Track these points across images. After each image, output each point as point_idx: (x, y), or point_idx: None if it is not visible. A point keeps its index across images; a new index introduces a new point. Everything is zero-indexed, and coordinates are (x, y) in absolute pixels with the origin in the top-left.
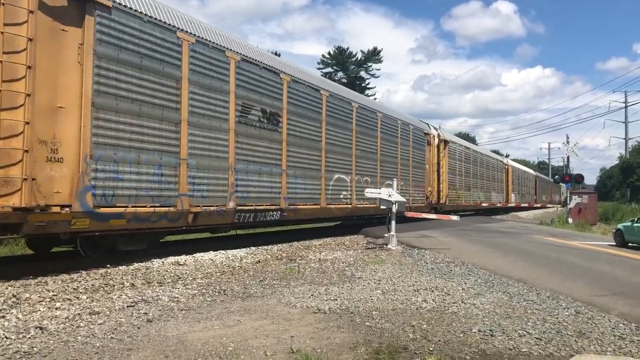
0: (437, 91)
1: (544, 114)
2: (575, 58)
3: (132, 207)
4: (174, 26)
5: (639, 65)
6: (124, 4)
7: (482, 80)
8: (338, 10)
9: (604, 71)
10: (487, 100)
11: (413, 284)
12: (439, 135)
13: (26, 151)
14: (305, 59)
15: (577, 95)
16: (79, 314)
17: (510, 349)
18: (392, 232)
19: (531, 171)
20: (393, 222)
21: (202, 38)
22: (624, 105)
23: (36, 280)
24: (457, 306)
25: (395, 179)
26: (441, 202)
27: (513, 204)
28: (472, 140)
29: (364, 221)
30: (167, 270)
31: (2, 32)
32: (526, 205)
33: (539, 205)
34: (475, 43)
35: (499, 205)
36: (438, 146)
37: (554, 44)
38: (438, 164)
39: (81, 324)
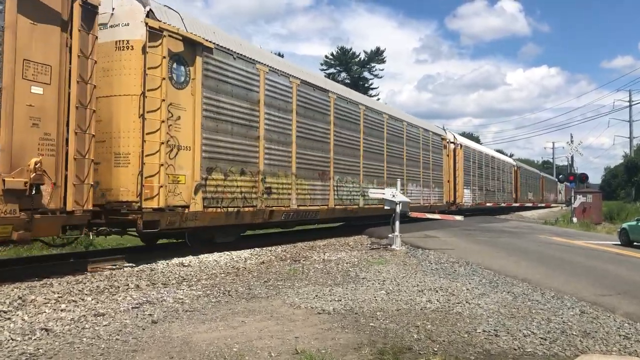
0: (441, 91)
1: (549, 113)
2: (581, 57)
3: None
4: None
5: None
6: (221, 44)
7: (486, 80)
8: (342, 11)
9: (610, 70)
10: (492, 99)
11: (417, 285)
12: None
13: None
14: (309, 59)
15: (582, 94)
16: (84, 316)
17: (515, 349)
18: (396, 233)
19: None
20: (397, 223)
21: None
22: (628, 104)
23: (41, 282)
24: (461, 306)
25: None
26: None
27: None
28: (476, 139)
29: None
30: (171, 272)
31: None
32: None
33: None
34: (480, 42)
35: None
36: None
37: (559, 43)
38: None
39: (86, 326)
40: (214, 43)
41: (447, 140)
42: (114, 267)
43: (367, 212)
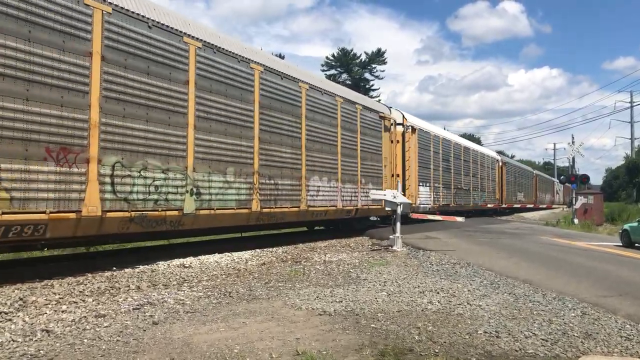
0: (442, 92)
1: (550, 115)
2: (582, 58)
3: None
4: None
5: None
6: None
7: (488, 81)
8: (344, 12)
9: (611, 71)
10: (493, 101)
11: (418, 286)
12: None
13: None
14: (311, 60)
15: (583, 95)
16: (85, 317)
17: (517, 351)
18: (397, 234)
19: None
20: (398, 224)
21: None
22: (629, 105)
23: (42, 283)
24: (462, 308)
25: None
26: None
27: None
28: (477, 141)
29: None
30: (172, 273)
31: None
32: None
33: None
34: (481, 43)
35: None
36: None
37: (561, 43)
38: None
39: (87, 327)
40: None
41: (392, 121)
42: None
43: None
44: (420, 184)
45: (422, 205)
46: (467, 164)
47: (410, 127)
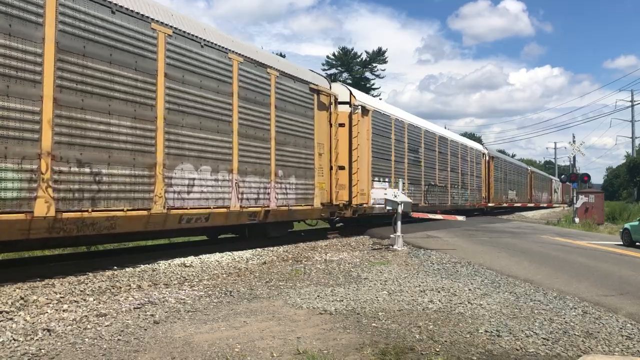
0: (443, 91)
1: (551, 114)
2: (584, 56)
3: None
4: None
5: None
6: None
7: (489, 80)
8: (345, 12)
9: (612, 69)
10: (494, 100)
11: (419, 285)
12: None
13: None
14: (312, 59)
15: (584, 94)
16: (86, 316)
17: (517, 350)
18: (398, 233)
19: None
20: (399, 223)
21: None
22: (630, 103)
23: (43, 283)
24: (463, 307)
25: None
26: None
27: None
28: (478, 140)
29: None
30: (173, 272)
31: None
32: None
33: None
34: (482, 42)
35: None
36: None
37: (562, 42)
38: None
39: (88, 326)
40: None
41: (332, 98)
42: None
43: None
44: (376, 178)
45: (377, 206)
46: (443, 156)
47: (360, 107)
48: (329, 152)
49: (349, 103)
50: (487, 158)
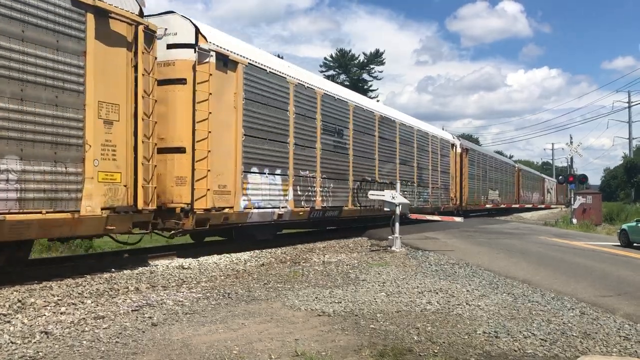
0: (441, 92)
1: (549, 115)
2: (582, 57)
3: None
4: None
5: None
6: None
7: (487, 81)
8: (343, 13)
9: (610, 70)
10: (493, 101)
11: (417, 286)
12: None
13: None
14: (310, 61)
15: (582, 95)
16: (84, 319)
17: (515, 351)
18: (396, 234)
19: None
20: (397, 224)
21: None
22: (627, 105)
23: (41, 285)
24: (461, 308)
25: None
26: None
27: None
28: (476, 141)
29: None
30: (171, 274)
31: None
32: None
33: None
34: (480, 44)
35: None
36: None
37: (560, 43)
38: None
39: (86, 329)
40: None
41: (134, 24)
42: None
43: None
44: (255, 169)
45: (254, 211)
46: (388, 144)
47: (217, 54)
48: (132, 118)
49: (193, 46)
50: (458, 150)
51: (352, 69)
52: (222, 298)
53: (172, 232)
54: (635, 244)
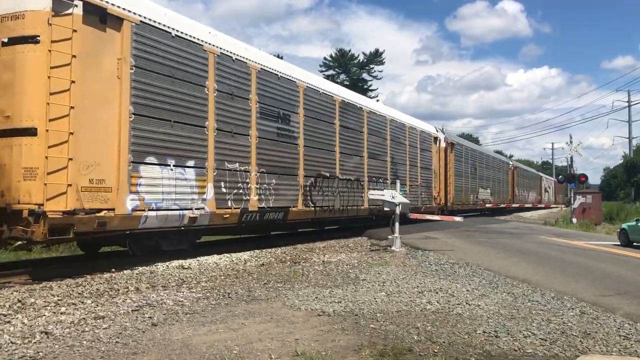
0: (441, 92)
1: (549, 114)
2: (582, 57)
3: None
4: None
5: None
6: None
7: (487, 81)
8: (343, 13)
9: (610, 70)
10: (492, 100)
11: (417, 286)
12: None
13: None
14: (310, 61)
15: (582, 95)
16: (84, 319)
17: (515, 350)
18: (396, 234)
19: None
20: (397, 224)
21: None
22: (627, 104)
23: (41, 285)
24: (461, 307)
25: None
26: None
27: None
28: (475, 140)
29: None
30: (171, 274)
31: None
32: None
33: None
34: (480, 43)
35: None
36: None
37: (560, 43)
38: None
39: (86, 329)
40: None
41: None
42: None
43: None
44: (153, 160)
45: (150, 214)
46: (353, 134)
47: (83, 4)
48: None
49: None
50: (442, 144)
51: (351, 68)
52: (222, 298)
53: (19, 243)
54: (635, 244)
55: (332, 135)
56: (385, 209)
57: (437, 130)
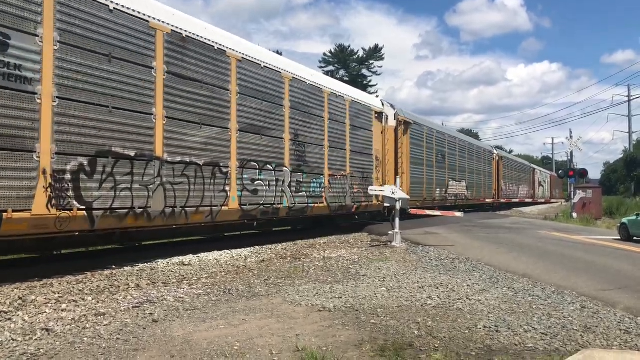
0: (441, 87)
1: (549, 109)
2: (582, 51)
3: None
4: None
5: None
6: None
7: (487, 76)
8: (342, 9)
9: (610, 64)
10: (493, 95)
11: (418, 281)
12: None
13: None
14: (309, 57)
15: (582, 89)
16: (85, 315)
17: (516, 345)
18: (396, 230)
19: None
20: (397, 220)
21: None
22: (627, 98)
23: (42, 282)
24: (462, 302)
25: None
26: None
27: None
28: (475, 136)
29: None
30: (172, 271)
31: None
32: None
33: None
34: (480, 38)
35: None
36: None
37: (560, 37)
38: None
39: (87, 325)
40: None
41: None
42: None
43: None
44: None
45: None
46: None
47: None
48: None
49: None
50: (391, 123)
51: (351, 64)
52: (222, 294)
53: None
54: (635, 238)
55: (206, 104)
56: (386, 204)
57: (383, 104)
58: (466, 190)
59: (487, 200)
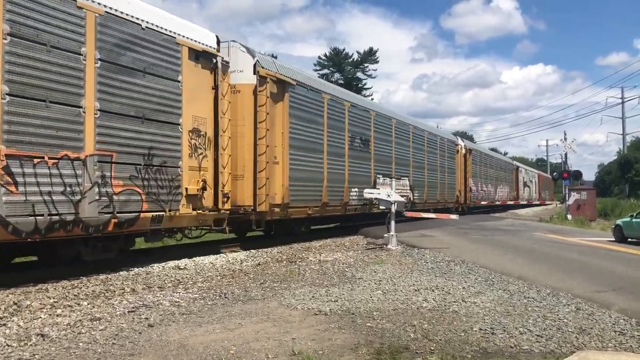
0: (436, 90)
1: (544, 111)
2: (576, 54)
3: None
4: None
5: (636, 60)
6: None
7: (482, 78)
8: (337, 12)
9: (604, 66)
10: (487, 98)
11: (413, 284)
12: None
13: None
14: (304, 60)
15: (576, 91)
16: (80, 320)
17: (512, 347)
18: (392, 232)
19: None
20: (392, 222)
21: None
22: (620, 100)
23: (37, 287)
24: (457, 305)
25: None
26: None
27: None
28: (470, 138)
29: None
30: (167, 275)
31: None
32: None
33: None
34: (475, 41)
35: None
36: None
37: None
38: None
39: (82, 330)
40: None
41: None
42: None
43: None
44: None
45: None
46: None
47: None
48: None
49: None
50: (221, 71)
51: (346, 67)
52: (218, 298)
53: None
54: (629, 239)
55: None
56: (381, 207)
57: (247, 52)
58: (410, 191)
59: (451, 204)
